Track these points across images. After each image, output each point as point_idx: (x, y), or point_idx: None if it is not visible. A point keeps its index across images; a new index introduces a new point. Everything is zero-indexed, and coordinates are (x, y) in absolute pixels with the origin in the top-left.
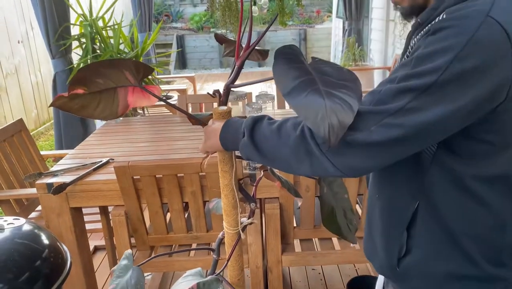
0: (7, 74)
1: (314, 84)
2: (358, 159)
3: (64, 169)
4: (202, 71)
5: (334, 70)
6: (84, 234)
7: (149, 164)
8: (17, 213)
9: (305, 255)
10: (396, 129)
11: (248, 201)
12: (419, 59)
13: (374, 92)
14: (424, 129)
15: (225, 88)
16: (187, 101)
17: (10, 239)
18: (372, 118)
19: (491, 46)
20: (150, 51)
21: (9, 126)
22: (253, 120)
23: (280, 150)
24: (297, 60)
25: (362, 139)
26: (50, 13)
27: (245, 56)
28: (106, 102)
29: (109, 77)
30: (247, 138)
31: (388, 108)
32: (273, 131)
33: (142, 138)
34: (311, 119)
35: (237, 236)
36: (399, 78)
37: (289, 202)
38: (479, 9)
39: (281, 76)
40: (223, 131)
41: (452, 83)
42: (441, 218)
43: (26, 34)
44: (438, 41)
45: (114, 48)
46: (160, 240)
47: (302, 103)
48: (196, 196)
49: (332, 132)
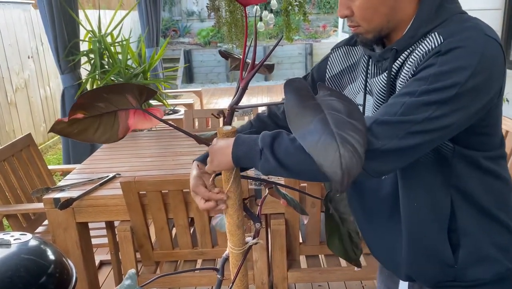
0: (16, 89)
1: (327, 126)
2: (390, 163)
3: (71, 184)
4: (209, 85)
5: (342, 105)
6: (90, 249)
7: (155, 179)
8: (24, 227)
9: (311, 272)
10: (423, 136)
11: (253, 220)
12: (437, 76)
13: (396, 104)
14: (446, 130)
15: (229, 109)
16: (194, 116)
17: (16, 254)
18: (400, 128)
19: (495, 61)
20: (157, 66)
21: (17, 141)
22: (271, 137)
23: (307, 164)
24: (307, 96)
25: (394, 148)
26: (60, 30)
27: (250, 78)
28: (106, 126)
29: (111, 101)
30: (270, 156)
31: (415, 118)
32: (298, 148)
33: (148, 153)
34: (328, 166)
35: (242, 256)
36: (420, 92)
37: (294, 218)
38: (477, 30)
39: (294, 117)
40: (236, 149)
41: (468, 95)
42: (475, 202)
43: (36, 50)
44: (453, 60)
45: (122, 63)
46: (165, 256)
47: (318, 149)
48: (202, 211)
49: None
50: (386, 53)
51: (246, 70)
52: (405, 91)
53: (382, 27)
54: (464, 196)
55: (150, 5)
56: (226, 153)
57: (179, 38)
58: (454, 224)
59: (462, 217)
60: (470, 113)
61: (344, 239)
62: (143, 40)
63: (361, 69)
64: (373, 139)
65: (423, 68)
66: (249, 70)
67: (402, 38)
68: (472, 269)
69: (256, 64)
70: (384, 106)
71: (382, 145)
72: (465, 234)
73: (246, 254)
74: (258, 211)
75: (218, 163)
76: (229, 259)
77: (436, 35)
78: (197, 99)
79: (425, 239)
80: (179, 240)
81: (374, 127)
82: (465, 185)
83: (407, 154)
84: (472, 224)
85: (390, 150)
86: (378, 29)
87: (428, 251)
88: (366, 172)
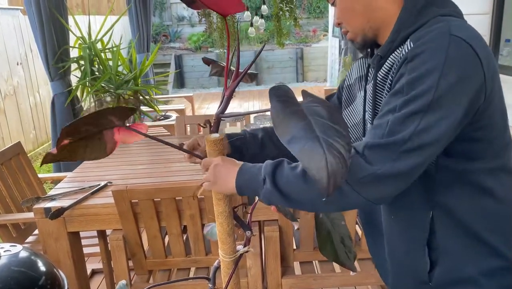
0: (5, 96)
1: (312, 131)
2: (388, 188)
3: (62, 193)
4: (200, 90)
5: (326, 111)
6: (81, 259)
7: (147, 187)
8: (14, 237)
9: (305, 278)
10: (417, 153)
11: (243, 229)
12: (410, 84)
13: (381, 126)
14: (438, 141)
15: (216, 118)
16: (185, 122)
17: (6, 266)
18: (392, 149)
19: (463, 58)
20: (148, 72)
21: (7, 149)
22: (273, 166)
23: (307, 194)
24: (291, 102)
25: (389, 171)
26: (49, 36)
27: (234, 87)
28: (93, 145)
29: (94, 124)
30: (271, 185)
31: (402, 137)
32: (298, 176)
33: (140, 161)
34: (314, 170)
35: (233, 264)
36: (399, 106)
37: (288, 224)
38: (442, 31)
39: (280, 123)
40: (239, 178)
41: (446, 96)
42: (459, 221)
43: (25, 56)
44: (420, 65)
45: (113, 70)
46: (158, 264)
47: (304, 153)
48: (195, 219)
49: (330, 184)
50: (374, 60)
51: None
52: (387, 109)
53: (364, 28)
54: (447, 214)
55: (140, 10)
56: (230, 180)
57: (170, 43)
58: (434, 242)
59: (443, 236)
60: (456, 118)
61: (336, 244)
62: (133, 45)
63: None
64: (367, 165)
65: (397, 79)
66: (233, 79)
67: (385, 44)
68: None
69: (240, 73)
70: (371, 129)
71: (377, 169)
72: (446, 253)
73: (238, 262)
74: (249, 219)
75: (220, 187)
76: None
77: (409, 42)
78: (189, 105)
79: (402, 253)
80: (172, 248)
81: (366, 152)
82: (449, 202)
83: (403, 175)
84: (455, 243)
85: (386, 173)
86: (360, 30)
87: (405, 266)
88: (367, 199)
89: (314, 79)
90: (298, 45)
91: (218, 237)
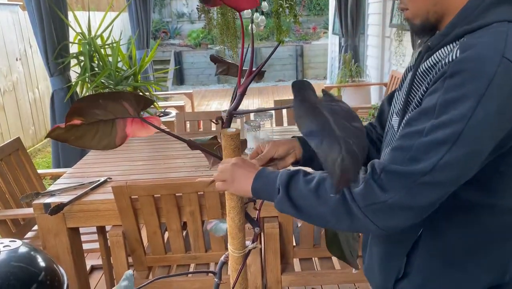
0: (4, 92)
1: (331, 129)
2: (398, 219)
3: (61, 189)
4: (200, 87)
5: (344, 111)
6: (81, 255)
7: (147, 183)
8: (13, 233)
9: (305, 275)
10: (435, 189)
11: (252, 225)
12: (442, 106)
13: (405, 149)
14: (460, 178)
15: (228, 115)
16: (185, 119)
17: (6, 262)
18: (409, 179)
19: (508, 87)
20: (148, 68)
21: (6, 145)
22: (288, 176)
23: (318, 209)
24: (312, 100)
25: (401, 202)
26: (49, 32)
27: (248, 83)
28: (104, 133)
29: (108, 109)
30: (283, 195)
31: (423, 168)
32: (311, 190)
33: (139, 157)
34: (330, 165)
35: (242, 259)
36: (427, 130)
37: (288, 221)
38: (495, 48)
39: (300, 119)
40: (256, 183)
41: (480, 129)
42: (444, 244)
43: (25, 52)
44: (458, 86)
45: (113, 66)
46: (158, 260)
47: (323, 149)
48: (195, 215)
49: (341, 182)
50: (423, 48)
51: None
52: (414, 129)
53: (428, 11)
54: (435, 236)
55: (140, 6)
56: (247, 182)
57: (169, 40)
58: (412, 256)
59: (423, 254)
60: (486, 153)
61: (342, 241)
62: (133, 42)
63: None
64: (379, 191)
65: (431, 92)
66: (247, 75)
67: (437, 35)
68: None
69: (253, 70)
70: (395, 150)
71: (388, 198)
72: (417, 271)
73: (247, 257)
74: (257, 215)
75: (236, 188)
76: (226, 263)
77: (457, 46)
78: (188, 101)
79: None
80: (171, 244)
81: (383, 176)
82: (443, 226)
83: (415, 210)
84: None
85: (397, 204)
86: (424, 12)
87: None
88: (376, 226)
89: (314, 76)
90: (298, 43)
91: (228, 232)
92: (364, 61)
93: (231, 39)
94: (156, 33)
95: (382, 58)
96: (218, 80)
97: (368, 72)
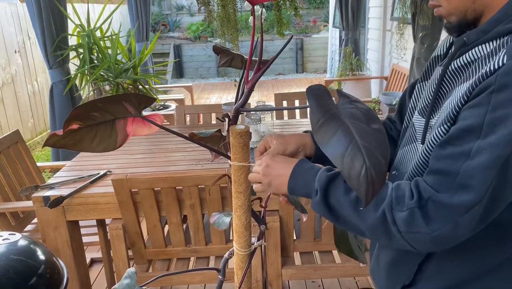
0: (3, 84)
1: (352, 137)
2: (439, 247)
3: (61, 182)
4: (199, 80)
5: (361, 113)
6: (81, 248)
7: (147, 176)
8: (12, 226)
9: (305, 268)
10: (482, 215)
11: (258, 222)
12: (490, 125)
13: (450, 174)
14: (508, 200)
15: (235, 112)
16: (185, 112)
17: (5, 255)
18: (458, 212)
19: None
20: (147, 61)
21: (5, 138)
22: (327, 180)
23: (355, 221)
24: (328, 105)
25: (446, 235)
26: (47, 24)
27: (256, 79)
28: (103, 135)
29: (107, 110)
30: (321, 200)
31: (473, 199)
32: (351, 202)
33: (139, 150)
34: (355, 180)
35: (248, 257)
36: (474, 152)
37: (289, 215)
38: None
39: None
40: (292, 181)
41: None
42: (460, 258)
43: (23, 44)
44: (509, 102)
45: (112, 58)
46: (158, 254)
47: (345, 162)
48: (195, 208)
49: (369, 193)
50: (457, 43)
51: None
52: (459, 151)
53: (466, 9)
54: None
55: None
56: (284, 181)
57: (169, 33)
58: (424, 265)
59: (435, 264)
60: None
61: (350, 237)
62: (132, 34)
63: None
64: (424, 222)
65: (474, 106)
66: (255, 71)
67: (476, 30)
68: None
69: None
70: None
71: (432, 231)
72: (426, 280)
73: (252, 255)
74: (263, 213)
75: (274, 190)
76: (229, 260)
77: (504, 50)
78: (188, 95)
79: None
80: (172, 238)
81: (430, 205)
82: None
83: (458, 239)
84: (440, 276)
85: (441, 236)
86: (462, 10)
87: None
88: (416, 249)
89: (314, 70)
90: (298, 36)
91: (234, 230)
92: (364, 55)
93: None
94: (156, 26)
95: (383, 51)
96: (217, 73)
97: (368, 65)
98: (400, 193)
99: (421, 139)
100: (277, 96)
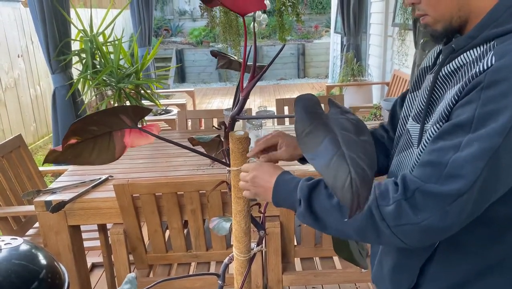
0: (6, 88)
1: (338, 147)
2: (432, 238)
3: (63, 186)
4: (201, 85)
5: (351, 123)
6: (82, 252)
7: (148, 182)
8: (14, 230)
9: (306, 274)
10: (472, 208)
11: (257, 228)
12: (481, 119)
13: (438, 164)
14: (498, 192)
15: (231, 120)
16: (187, 117)
17: (7, 260)
18: (446, 200)
19: None
20: (149, 66)
21: (7, 142)
22: (309, 189)
23: (342, 226)
24: (317, 114)
25: (435, 225)
26: (50, 29)
27: (251, 87)
28: (101, 147)
29: (104, 123)
30: (305, 209)
31: (461, 187)
32: (334, 206)
33: (140, 155)
34: (339, 190)
35: (247, 262)
36: (464, 144)
37: (289, 220)
38: None
39: (304, 137)
40: (276, 194)
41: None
42: (461, 257)
43: (26, 48)
44: (498, 97)
45: (114, 63)
46: (159, 259)
47: (329, 172)
48: (196, 214)
49: (354, 203)
50: (445, 51)
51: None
52: (450, 144)
53: (452, 16)
54: (452, 249)
55: (142, 4)
56: (268, 193)
57: (171, 38)
58: (426, 267)
59: (438, 267)
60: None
61: (351, 245)
62: (135, 39)
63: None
64: (412, 212)
65: (465, 104)
66: (249, 79)
67: (463, 37)
68: None
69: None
70: (427, 165)
71: (421, 220)
72: (429, 283)
73: (252, 261)
74: (262, 218)
75: (263, 198)
76: (229, 265)
77: (491, 52)
78: (190, 99)
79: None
80: (172, 243)
81: (417, 196)
82: (458, 239)
83: (448, 229)
84: (443, 278)
85: (430, 226)
86: (447, 18)
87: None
88: (406, 244)
89: (316, 75)
90: (299, 41)
91: (234, 235)
92: (366, 60)
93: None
94: (158, 31)
95: (384, 57)
96: (219, 78)
97: (370, 71)
98: (383, 188)
99: (417, 144)
100: (279, 102)
